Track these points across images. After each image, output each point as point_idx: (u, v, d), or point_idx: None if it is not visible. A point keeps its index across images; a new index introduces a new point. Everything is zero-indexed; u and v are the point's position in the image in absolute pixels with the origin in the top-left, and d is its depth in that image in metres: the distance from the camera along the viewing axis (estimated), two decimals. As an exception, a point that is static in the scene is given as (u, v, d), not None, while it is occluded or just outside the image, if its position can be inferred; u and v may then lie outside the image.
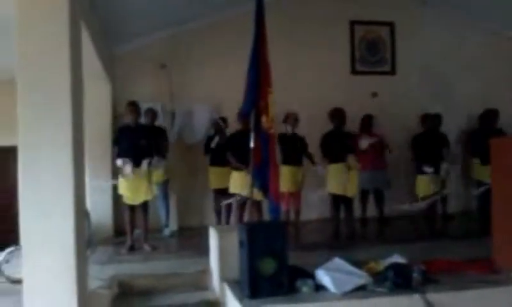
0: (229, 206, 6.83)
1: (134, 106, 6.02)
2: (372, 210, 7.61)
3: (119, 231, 6.84)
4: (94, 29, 5.38)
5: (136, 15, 6.78)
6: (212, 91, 7.62)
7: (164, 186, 6.92)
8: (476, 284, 3.89)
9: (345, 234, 6.28)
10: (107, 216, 7.05)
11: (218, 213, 7.08)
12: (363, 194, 7.46)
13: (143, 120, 6.52)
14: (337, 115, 6.55)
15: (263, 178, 4.63)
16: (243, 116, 5.34)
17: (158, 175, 6.47)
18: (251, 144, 4.64)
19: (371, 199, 7.61)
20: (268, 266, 3.74)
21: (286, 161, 6.87)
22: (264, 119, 4.59)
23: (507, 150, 4.47)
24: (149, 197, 5.92)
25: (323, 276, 3.84)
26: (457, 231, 6.89)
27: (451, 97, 8.53)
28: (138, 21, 7.02)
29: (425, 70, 8.60)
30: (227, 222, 6.81)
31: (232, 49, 7.38)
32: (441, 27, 8.71)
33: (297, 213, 7.14)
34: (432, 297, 3.66)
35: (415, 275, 3.85)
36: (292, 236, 6.72)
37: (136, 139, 5.84)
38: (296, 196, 7.08)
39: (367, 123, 7.53)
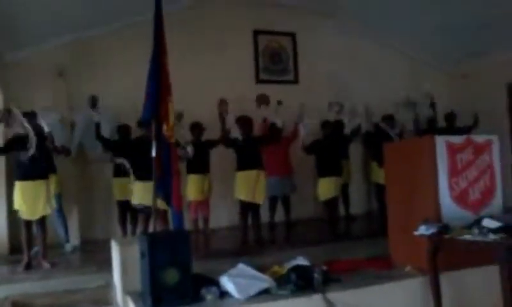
0: (135, 217, 6.69)
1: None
2: (279, 215, 7.78)
3: (15, 248, 6.38)
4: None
5: (30, 21, 6.46)
6: (114, 100, 7.38)
7: (57, 200, 6.55)
8: (374, 281, 4.09)
9: (252, 240, 6.32)
10: (2, 232, 6.57)
11: (123, 225, 6.88)
12: (272, 200, 7.59)
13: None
14: (245, 122, 6.59)
15: (166, 188, 4.55)
16: (143, 124, 5.23)
17: (52, 187, 6.12)
18: (153, 153, 4.55)
19: (279, 205, 7.78)
20: (171, 276, 3.66)
21: (192, 170, 6.86)
22: (164, 127, 4.53)
23: (398, 155, 4.77)
24: (48, 212, 5.60)
25: (227, 283, 3.83)
26: (360, 231, 7.19)
27: (351, 104, 8.93)
28: (33, 28, 6.70)
29: (327, 78, 8.95)
30: (133, 234, 6.63)
31: (133, 57, 7.19)
32: (342, 38, 9.12)
33: (206, 221, 7.15)
34: (333, 296, 3.79)
35: (316, 276, 3.95)
36: (201, 244, 6.72)
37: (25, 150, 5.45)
38: (203, 204, 7.08)
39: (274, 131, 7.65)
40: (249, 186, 6.23)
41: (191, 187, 6.93)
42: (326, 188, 6.85)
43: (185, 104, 7.13)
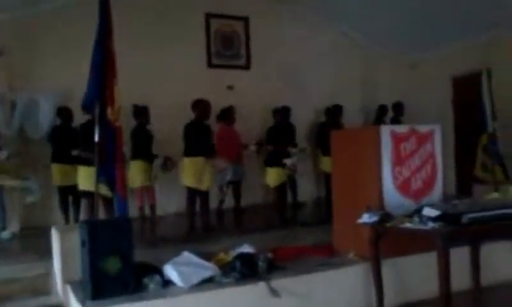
0: (77, 203, 6.50)
1: None
2: (228, 202, 7.77)
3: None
4: None
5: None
6: (58, 81, 7.10)
7: None
8: (318, 268, 4.14)
9: (200, 227, 6.27)
10: None
11: (65, 211, 6.67)
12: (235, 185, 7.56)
13: None
14: (199, 106, 6.45)
15: (109, 174, 4.41)
16: (85, 107, 5.10)
17: None
18: (96, 138, 4.39)
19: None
20: (112, 265, 3.58)
21: (137, 155, 6.70)
22: (109, 111, 4.37)
23: (344, 143, 4.82)
24: None
25: (170, 271, 3.79)
26: (307, 218, 7.27)
27: (302, 91, 8.98)
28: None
29: (279, 64, 8.94)
30: (76, 221, 6.44)
31: (78, 37, 6.88)
32: (295, 24, 9.06)
33: (153, 207, 7.02)
34: (278, 283, 3.81)
35: (261, 263, 3.97)
36: (147, 231, 6.61)
37: None
38: (149, 190, 6.94)
39: (228, 114, 7.60)
40: (197, 173, 6.15)
41: (136, 173, 6.76)
42: (275, 175, 6.88)
43: (136, 88, 7.03)
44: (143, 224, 6.80)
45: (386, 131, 4.39)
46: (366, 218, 4.00)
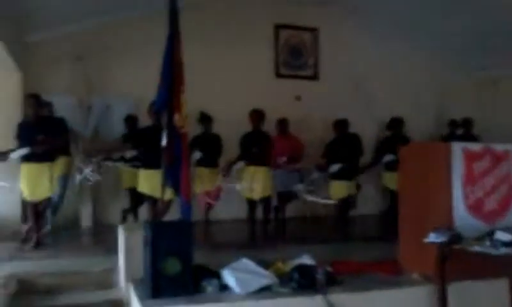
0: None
1: (31, 99, 5.67)
2: (291, 211, 7.69)
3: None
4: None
5: (53, 2, 6.46)
6: (131, 87, 7.38)
7: (63, 182, 6.52)
8: (378, 285, 4.02)
9: (260, 234, 6.27)
10: (15, 209, 6.59)
11: (135, 211, 6.90)
12: (281, 196, 7.50)
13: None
14: (255, 116, 6.52)
15: (175, 177, 4.52)
16: (155, 112, 5.22)
17: (57, 170, 6.14)
18: (163, 143, 4.52)
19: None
20: (172, 266, 3.65)
21: (202, 162, 6.82)
22: (176, 117, 4.49)
23: (413, 159, 4.64)
24: (49, 195, 5.65)
25: (228, 276, 3.80)
26: (371, 233, 7.08)
27: (369, 103, 8.81)
28: (55, 9, 6.68)
29: (347, 75, 8.82)
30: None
31: (151, 45, 7.16)
32: (365, 35, 8.92)
33: (210, 209, 7.09)
34: (335, 297, 3.73)
35: (319, 276, 3.89)
36: (208, 235, 6.71)
37: (34, 134, 5.49)
38: (212, 193, 7.01)
39: (283, 126, 7.55)
40: (247, 182, 6.21)
41: (201, 180, 6.89)
42: (339, 188, 6.75)
43: (204, 97, 7.19)
44: (205, 227, 6.90)
45: (458, 148, 4.19)
46: (433, 237, 3.83)
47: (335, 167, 6.80)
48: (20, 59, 6.68)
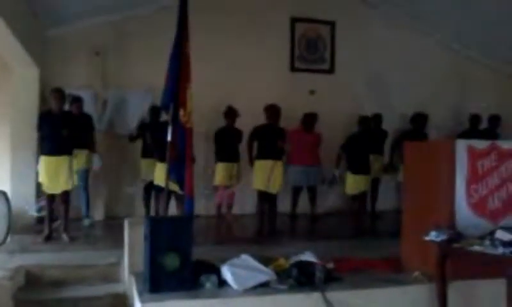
0: (159, 197, 6.78)
1: (58, 93, 5.80)
2: (303, 207, 7.70)
3: (41, 219, 6.59)
4: (14, 9, 5.17)
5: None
6: (147, 82, 7.46)
7: (85, 175, 6.74)
8: (377, 283, 4.01)
9: (267, 230, 6.30)
10: (30, 203, 6.79)
11: (147, 204, 7.02)
12: (296, 191, 7.52)
13: (68, 108, 6.36)
14: (271, 111, 6.53)
15: (179, 173, 4.57)
16: (164, 107, 5.30)
17: (79, 163, 6.30)
18: (169, 138, 4.57)
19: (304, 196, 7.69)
20: (171, 261, 3.69)
21: (222, 157, 6.88)
22: (181, 113, 4.53)
23: (418, 156, 4.59)
24: (69, 187, 5.76)
25: (226, 272, 3.84)
26: (382, 230, 7.03)
27: (388, 98, 8.70)
28: (73, 4, 6.81)
29: (365, 69, 8.73)
30: (157, 214, 6.74)
31: (168, 39, 7.21)
32: (385, 29, 8.80)
33: (230, 208, 7.16)
34: (333, 294, 3.73)
35: (318, 273, 3.90)
36: (219, 230, 6.77)
37: (58, 128, 5.61)
38: (230, 190, 7.09)
39: (310, 121, 7.55)
40: (265, 175, 6.19)
41: (221, 173, 6.96)
42: (354, 183, 6.73)
43: (220, 91, 7.23)
44: (218, 222, 6.97)
45: (462, 146, 4.14)
46: (433, 236, 3.80)
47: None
48: (37, 54, 6.83)
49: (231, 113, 7.03)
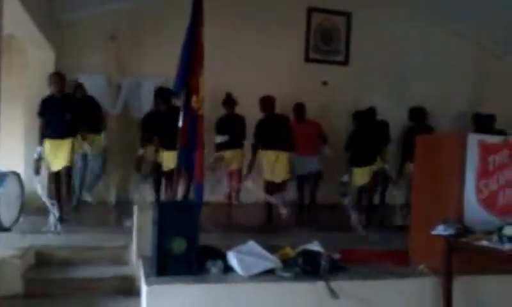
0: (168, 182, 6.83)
1: (56, 76, 5.84)
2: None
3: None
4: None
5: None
6: (162, 67, 7.43)
7: (101, 158, 6.79)
8: (382, 275, 3.99)
9: (275, 219, 6.32)
10: (44, 184, 6.86)
11: (157, 189, 7.05)
12: (300, 180, 7.49)
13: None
14: (264, 102, 6.56)
15: (188, 159, 4.60)
16: (173, 93, 5.32)
17: (97, 146, 6.35)
18: (180, 123, 4.59)
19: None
20: (178, 245, 3.73)
21: (227, 144, 6.90)
22: (194, 99, 4.55)
23: (428, 149, 4.55)
24: (68, 163, 5.80)
25: (232, 258, 3.87)
26: (387, 222, 7.00)
27: (402, 91, 8.62)
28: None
29: (380, 62, 8.65)
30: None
31: (183, 25, 7.22)
32: (403, 21, 8.70)
33: (237, 192, 7.16)
34: (338, 284, 3.73)
35: (323, 263, 3.91)
36: (228, 217, 6.80)
37: (60, 112, 5.68)
38: (236, 174, 7.09)
39: (298, 112, 7.40)
40: (269, 165, 6.20)
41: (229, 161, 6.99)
42: (359, 175, 6.71)
43: (232, 79, 7.22)
44: (227, 209, 7.00)
45: (473, 140, 4.09)
46: (441, 230, 3.79)
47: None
48: (53, 38, 6.90)
49: (229, 101, 7.04)
